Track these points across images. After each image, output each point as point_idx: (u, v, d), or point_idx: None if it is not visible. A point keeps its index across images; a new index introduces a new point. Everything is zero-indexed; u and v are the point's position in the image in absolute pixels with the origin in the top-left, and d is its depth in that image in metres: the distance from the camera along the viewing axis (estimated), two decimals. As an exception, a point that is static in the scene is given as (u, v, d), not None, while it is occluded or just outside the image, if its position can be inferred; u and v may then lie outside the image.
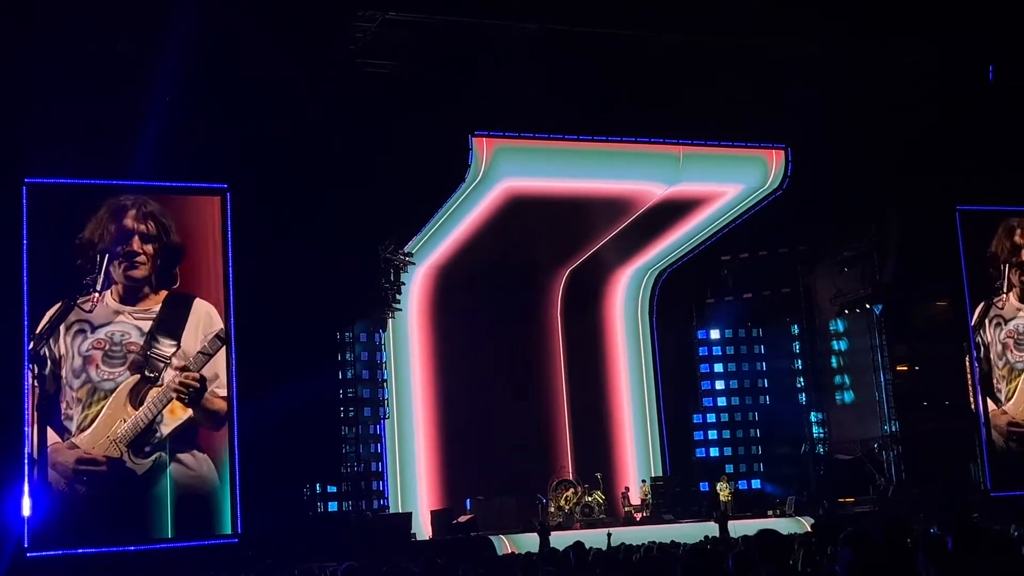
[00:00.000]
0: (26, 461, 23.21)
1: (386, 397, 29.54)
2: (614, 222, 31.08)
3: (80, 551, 23.02)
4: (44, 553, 22.89)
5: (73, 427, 24.00)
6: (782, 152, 29.52)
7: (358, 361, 29.29)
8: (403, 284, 30.09)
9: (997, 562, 7.03)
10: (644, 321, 34.43)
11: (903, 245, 31.50)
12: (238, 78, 24.85)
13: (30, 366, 23.83)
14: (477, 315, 31.45)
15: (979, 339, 31.07)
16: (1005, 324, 31.34)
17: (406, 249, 29.81)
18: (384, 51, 26.11)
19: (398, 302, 29.95)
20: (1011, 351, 31.27)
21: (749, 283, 35.25)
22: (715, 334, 35.20)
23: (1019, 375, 31.13)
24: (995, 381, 31.06)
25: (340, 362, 28.87)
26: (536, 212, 29.15)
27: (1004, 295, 31.38)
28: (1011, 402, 30.96)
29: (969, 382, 30.95)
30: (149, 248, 24.91)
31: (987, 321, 31.19)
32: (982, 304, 31.23)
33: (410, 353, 30.84)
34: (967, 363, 31.03)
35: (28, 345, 23.84)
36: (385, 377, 29.67)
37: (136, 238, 24.82)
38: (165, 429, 24.48)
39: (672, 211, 30.68)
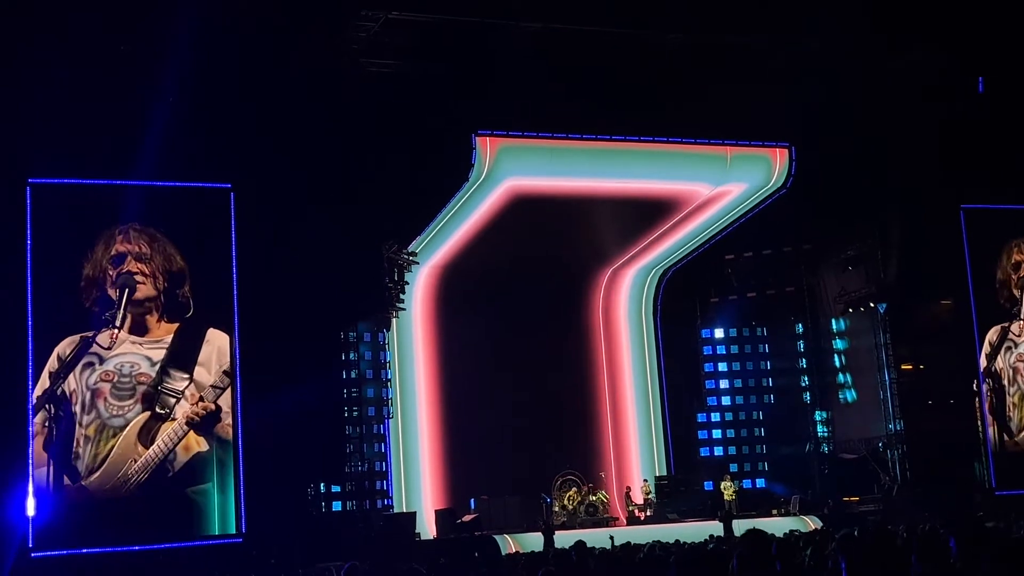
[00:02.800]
0: (30, 461, 23.20)
1: (390, 397, 29.55)
2: (626, 222, 31.11)
3: (84, 551, 23.02)
4: (48, 553, 22.89)
5: (82, 467, 23.45)
6: (786, 151, 29.46)
7: (362, 360, 29.31)
8: (407, 284, 30.10)
9: (1000, 562, 7.03)
10: (648, 320, 34.42)
11: (907, 244, 31.43)
12: (242, 78, 24.86)
13: (47, 407, 23.36)
14: (480, 314, 31.45)
15: (994, 367, 30.84)
16: (1016, 348, 31.13)
17: (410, 249, 29.82)
18: (387, 51, 26.13)
19: (402, 302, 29.96)
20: (1022, 376, 31.04)
21: (753, 282, 35.24)
22: (719, 333, 35.20)
23: None
24: (1007, 410, 30.77)
25: (344, 362, 28.89)
26: (539, 212, 29.12)
27: (1021, 321, 31.18)
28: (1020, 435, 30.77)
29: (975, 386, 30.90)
30: (144, 267, 24.44)
31: (1001, 348, 30.96)
32: (999, 329, 31.01)
33: (414, 352, 30.86)
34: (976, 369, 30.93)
35: (32, 345, 23.73)
36: (389, 377, 29.70)
37: (129, 258, 24.42)
38: (179, 468, 23.96)
39: (676, 210, 30.63)
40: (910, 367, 32.73)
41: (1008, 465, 30.32)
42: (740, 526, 25.67)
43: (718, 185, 29.55)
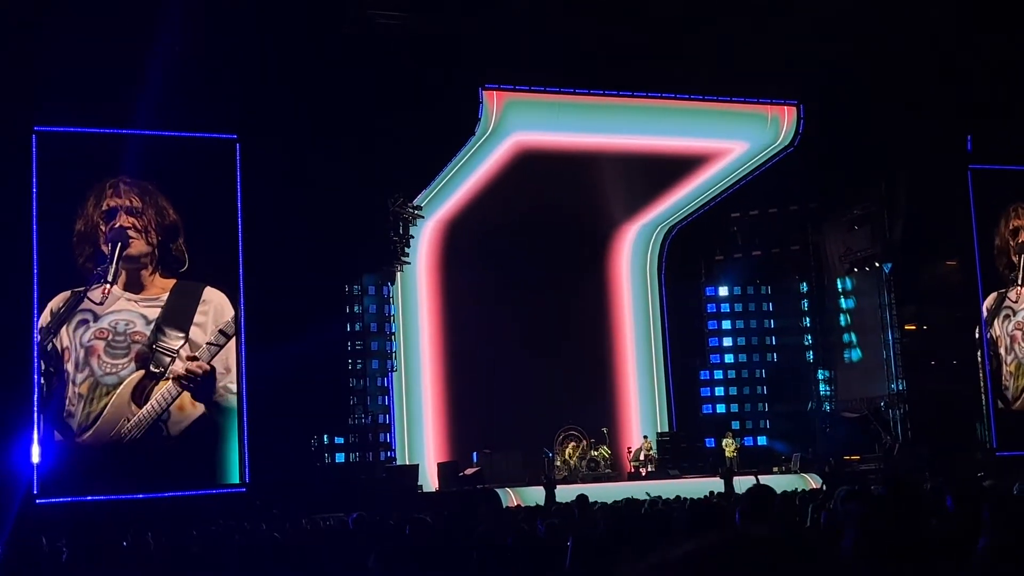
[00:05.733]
0: (35, 408, 23.30)
1: (394, 350, 29.61)
2: (634, 180, 31.04)
3: (89, 498, 23.17)
4: (53, 500, 23.05)
5: (75, 425, 23.46)
6: (794, 108, 29.35)
7: (366, 314, 29.36)
8: (412, 238, 30.08)
9: (998, 520, 7.05)
10: (653, 277, 34.41)
11: (914, 204, 31.37)
12: (249, 28, 24.73)
13: (39, 363, 23.38)
14: (485, 269, 31.45)
15: (990, 334, 30.85)
16: (1015, 316, 31.10)
17: (415, 203, 29.77)
18: (395, 2, 25.96)
19: (407, 255, 29.95)
20: (1019, 344, 31.02)
21: (758, 240, 35.20)
22: (724, 291, 35.19)
23: None
24: (1003, 378, 30.80)
25: (348, 315, 28.95)
26: (546, 167, 29.04)
27: (1019, 287, 31.14)
28: (1020, 401, 30.78)
29: (977, 339, 30.90)
30: (136, 221, 24.27)
31: (999, 315, 30.94)
32: (995, 295, 30.97)
33: (418, 306, 30.92)
34: (976, 331, 30.92)
35: (36, 290, 23.73)
36: (393, 330, 29.74)
37: (121, 213, 24.27)
38: (173, 428, 23.93)
39: (682, 167, 30.57)
40: (914, 327, 32.74)
41: (1010, 426, 30.40)
42: (741, 483, 25.79)
43: (755, 144, 29.48)
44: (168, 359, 24.13)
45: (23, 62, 23.41)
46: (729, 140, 29.71)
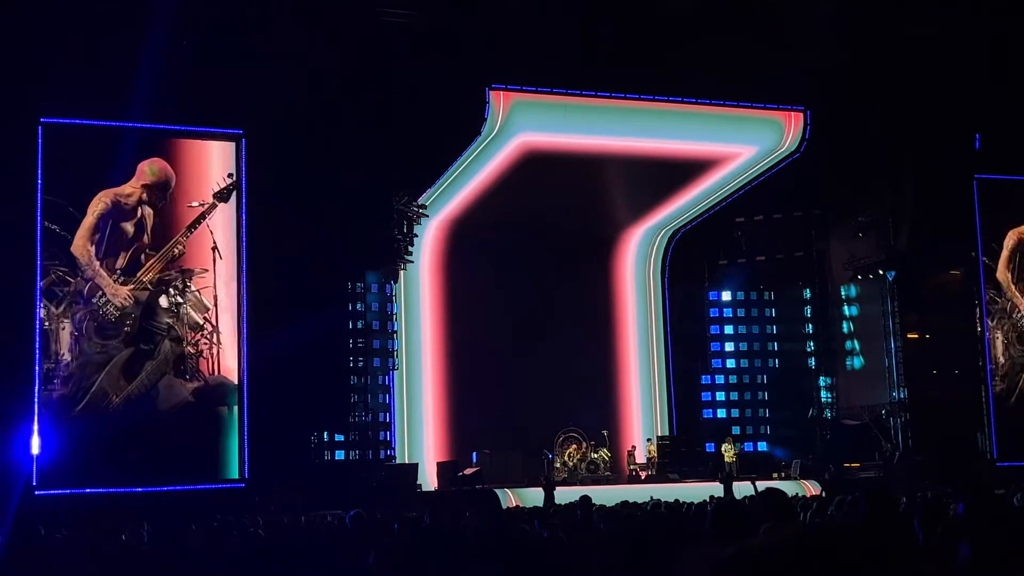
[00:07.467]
0: (35, 400, 23.29)
1: (396, 348, 29.59)
2: (639, 183, 31.03)
3: (88, 491, 23.16)
4: (52, 491, 23.03)
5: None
6: (800, 115, 29.31)
7: (369, 311, 29.35)
8: (416, 236, 30.06)
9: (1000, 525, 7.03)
10: (656, 280, 34.39)
11: (919, 212, 31.33)
12: (256, 23, 24.73)
13: (40, 344, 23.44)
14: (488, 269, 31.45)
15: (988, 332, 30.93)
16: (1008, 318, 31.18)
17: (420, 201, 29.75)
18: (403, 1, 25.95)
19: (410, 254, 29.94)
20: (1014, 344, 31.08)
21: (763, 245, 35.15)
22: (727, 296, 35.14)
23: (1021, 372, 30.98)
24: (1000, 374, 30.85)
25: (351, 312, 28.93)
26: (551, 168, 29.01)
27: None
28: (1015, 397, 30.77)
29: (979, 350, 30.89)
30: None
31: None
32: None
33: (421, 305, 30.91)
34: (977, 332, 30.92)
35: (39, 279, 23.73)
36: (395, 328, 29.72)
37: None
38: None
39: (687, 171, 30.54)
40: (916, 336, 32.69)
41: (1010, 436, 30.35)
42: (740, 488, 25.74)
43: (761, 149, 29.46)
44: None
45: (30, 54, 23.41)
46: (736, 144, 29.69)
